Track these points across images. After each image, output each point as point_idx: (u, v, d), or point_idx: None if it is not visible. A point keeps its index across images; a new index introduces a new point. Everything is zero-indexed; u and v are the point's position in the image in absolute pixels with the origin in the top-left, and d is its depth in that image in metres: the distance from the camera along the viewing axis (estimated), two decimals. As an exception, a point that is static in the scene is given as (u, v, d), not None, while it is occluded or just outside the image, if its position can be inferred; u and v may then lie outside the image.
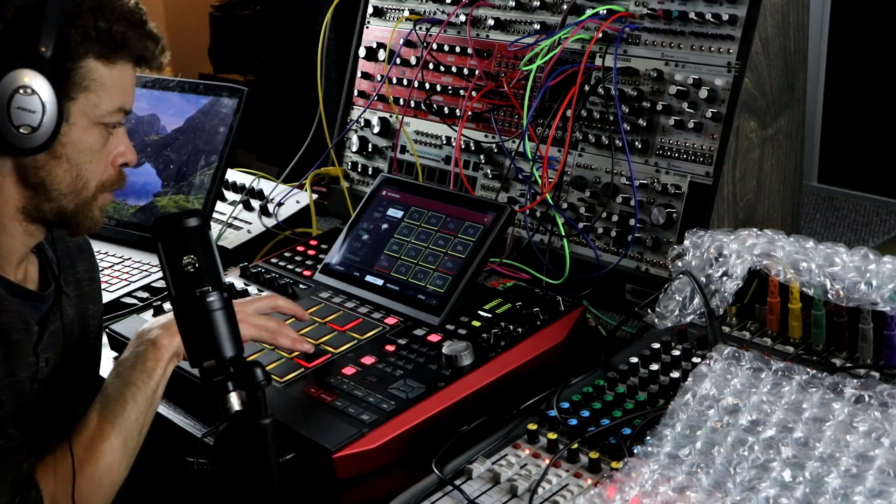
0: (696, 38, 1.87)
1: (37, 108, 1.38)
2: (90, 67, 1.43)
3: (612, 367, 1.53)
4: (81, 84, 1.43)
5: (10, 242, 1.48)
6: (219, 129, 2.33)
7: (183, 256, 1.22)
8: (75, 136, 1.45)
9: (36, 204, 1.47)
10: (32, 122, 1.38)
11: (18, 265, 1.52)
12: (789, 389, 1.34)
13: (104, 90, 1.45)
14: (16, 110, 1.37)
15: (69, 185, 1.47)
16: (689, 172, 1.86)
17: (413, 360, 1.63)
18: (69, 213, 1.49)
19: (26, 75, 1.37)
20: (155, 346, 1.47)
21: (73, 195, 1.47)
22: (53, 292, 1.56)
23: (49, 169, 1.45)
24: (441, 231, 1.86)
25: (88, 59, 1.43)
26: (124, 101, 1.49)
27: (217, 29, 4.99)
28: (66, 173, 1.46)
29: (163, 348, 1.47)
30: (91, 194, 1.49)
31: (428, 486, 1.34)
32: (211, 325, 1.21)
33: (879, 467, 1.20)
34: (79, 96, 1.43)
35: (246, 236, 2.33)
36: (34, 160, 1.43)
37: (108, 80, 1.45)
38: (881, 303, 1.41)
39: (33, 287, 1.55)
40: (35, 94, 1.37)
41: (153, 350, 1.47)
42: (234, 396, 1.17)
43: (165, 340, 1.48)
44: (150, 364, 1.46)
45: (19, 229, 1.48)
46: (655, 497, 1.22)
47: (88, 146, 1.46)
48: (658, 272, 1.87)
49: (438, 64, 2.27)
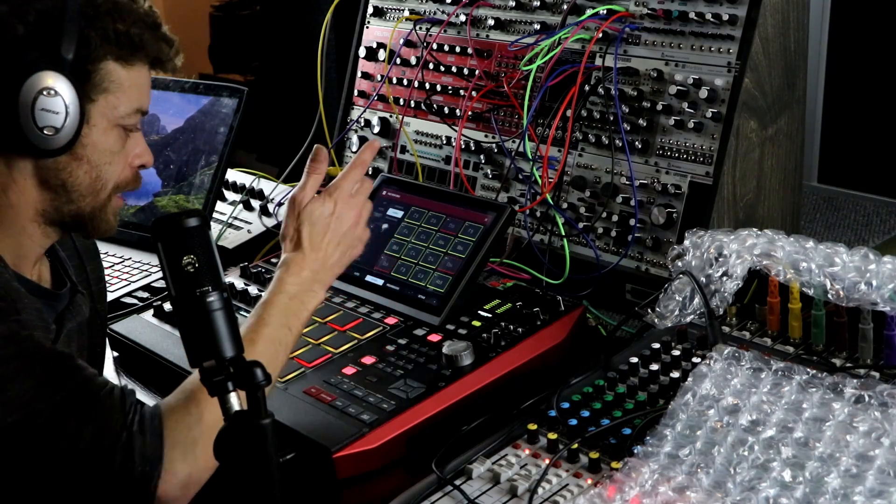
0: (697, 38, 1.87)
1: (60, 109, 1.39)
2: (109, 69, 1.44)
3: (612, 367, 1.53)
4: (101, 86, 1.44)
5: (28, 243, 1.49)
6: (219, 129, 2.33)
7: (183, 256, 1.22)
8: (95, 138, 1.45)
9: (56, 206, 1.48)
10: (56, 124, 1.39)
11: (34, 265, 1.53)
12: (789, 389, 1.34)
13: (122, 92, 1.46)
14: (40, 112, 1.38)
15: (88, 187, 1.47)
16: (689, 172, 1.86)
17: (413, 360, 1.63)
18: (86, 215, 1.50)
19: (49, 77, 1.38)
20: (313, 295, 1.52)
21: (91, 197, 1.48)
22: (69, 291, 1.57)
23: (70, 171, 1.45)
24: (441, 231, 1.86)
25: (108, 60, 1.44)
26: (141, 102, 1.50)
27: (217, 29, 4.99)
28: (86, 174, 1.47)
29: (316, 299, 1.52)
30: (107, 196, 1.50)
31: (428, 486, 1.34)
32: (211, 325, 1.20)
33: (879, 467, 1.20)
34: (98, 98, 1.44)
35: (246, 236, 2.33)
36: (55, 162, 1.44)
37: (126, 82, 1.46)
38: (881, 303, 1.41)
39: (48, 286, 1.56)
40: (58, 95, 1.38)
41: (309, 297, 1.51)
42: (234, 396, 1.16)
43: (321, 294, 1.53)
44: (304, 313, 1.50)
45: (38, 231, 1.49)
46: (655, 497, 1.22)
47: (108, 147, 1.47)
48: (658, 272, 1.87)
49: (438, 64, 2.27)
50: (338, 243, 1.57)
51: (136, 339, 1.83)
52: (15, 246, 1.48)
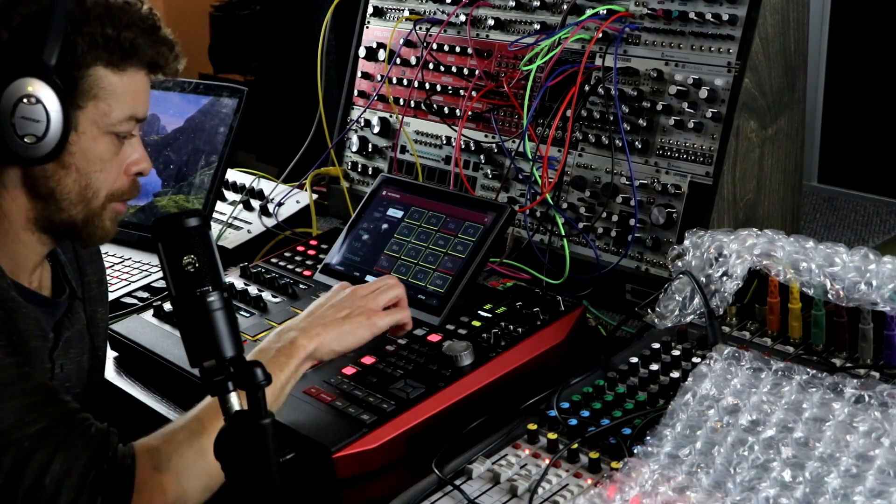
0: (696, 38, 1.87)
1: (41, 117, 1.36)
2: (99, 75, 1.42)
3: (612, 367, 1.53)
4: (90, 92, 1.41)
5: (23, 251, 1.48)
6: (219, 129, 2.33)
7: (183, 256, 1.22)
8: (84, 145, 1.43)
9: (46, 214, 1.46)
10: (37, 132, 1.36)
11: (33, 272, 1.52)
12: (789, 389, 1.34)
13: (114, 98, 1.43)
14: (20, 119, 1.35)
15: (78, 195, 1.45)
16: (689, 172, 1.86)
17: (413, 360, 1.63)
18: (79, 223, 1.47)
19: (31, 84, 1.35)
20: (292, 345, 1.46)
21: (81, 205, 1.46)
22: (68, 298, 1.56)
23: (58, 179, 1.43)
24: (441, 231, 1.86)
25: (97, 66, 1.41)
26: (136, 109, 1.47)
27: (217, 29, 4.99)
28: (74, 183, 1.44)
29: (300, 348, 1.46)
30: (100, 204, 1.47)
31: (428, 486, 1.34)
32: (211, 325, 1.20)
33: (879, 467, 1.20)
34: (87, 105, 1.41)
35: (246, 236, 2.33)
36: (42, 170, 1.42)
37: (118, 88, 1.43)
38: (881, 303, 1.41)
39: (47, 293, 1.55)
40: (39, 103, 1.35)
41: (289, 348, 1.46)
42: (234, 396, 1.16)
43: (304, 341, 1.47)
44: (282, 359, 1.45)
45: (32, 238, 1.48)
46: (655, 497, 1.22)
47: (98, 155, 1.45)
48: (658, 272, 1.87)
49: (438, 64, 2.27)
50: (332, 306, 1.54)
51: (136, 339, 1.82)
52: (11, 254, 1.46)
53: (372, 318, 1.54)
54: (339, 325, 1.51)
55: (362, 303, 1.55)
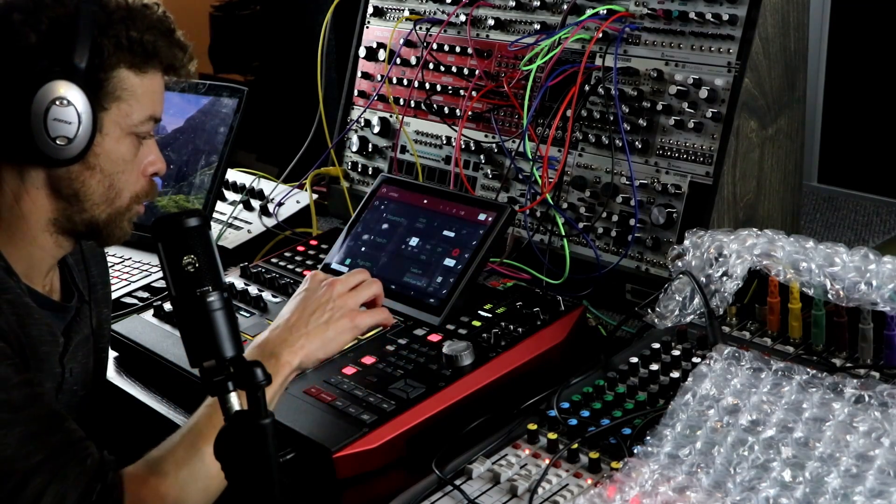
0: (696, 38, 1.87)
1: (73, 119, 1.38)
2: (122, 77, 1.44)
3: (612, 367, 1.53)
4: (114, 94, 1.43)
5: (40, 254, 1.48)
6: (219, 129, 2.33)
7: (183, 256, 1.22)
8: (108, 147, 1.45)
9: (68, 215, 1.47)
10: (69, 134, 1.38)
11: (46, 276, 1.52)
12: (789, 389, 1.34)
13: (136, 99, 1.45)
14: (52, 122, 1.37)
15: (102, 196, 1.47)
16: (689, 172, 1.86)
17: (413, 360, 1.63)
18: (101, 223, 1.49)
19: (62, 86, 1.37)
20: (278, 362, 1.43)
21: (105, 205, 1.47)
22: (77, 302, 1.57)
23: (83, 180, 1.45)
24: (441, 231, 1.86)
25: (120, 68, 1.43)
26: (155, 109, 1.49)
27: (217, 29, 4.98)
28: (99, 184, 1.46)
29: (285, 365, 1.44)
30: (125, 205, 1.50)
31: (428, 486, 1.34)
32: (211, 325, 1.21)
33: (879, 467, 1.20)
34: (111, 106, 1.43)
35: (246, 236, 2.33)
36: (67, 171, 1.43)
37: (139, 90, 1.45)
38: (881, 303, 1.41)
39: (57, 297, 1.56)
40: (71, 105, 1.37)
41: (275, 365, 1.42)
42: (234, 396, 1.17)
43: (288, 357, 1.44)
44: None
45: (50, 241, 1.48)
46: (655, 497, 1.22)
47: (121, 156, 1.46)
48: (658, 272, 1.87)
49: (438, 64, 2.27)
50: (312, 312, 1.50)
51: (136, 339, 1.83)
52: (27, 257, 1.47)
53: (355, 321, 1.52)
54: (322, 331, 1.48)
55: (342, 302, 1.52)
